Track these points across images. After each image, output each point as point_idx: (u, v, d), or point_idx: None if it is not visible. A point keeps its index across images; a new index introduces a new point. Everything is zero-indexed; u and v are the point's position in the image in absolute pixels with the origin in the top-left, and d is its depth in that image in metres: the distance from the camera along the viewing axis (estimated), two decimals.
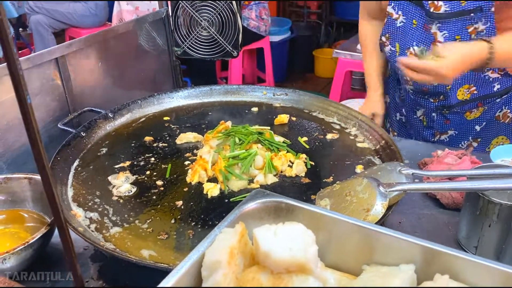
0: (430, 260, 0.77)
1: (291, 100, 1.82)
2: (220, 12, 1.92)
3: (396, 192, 1.08)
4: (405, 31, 1.60)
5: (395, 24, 1.61)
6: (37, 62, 1.59)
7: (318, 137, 1.58)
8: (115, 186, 1.34)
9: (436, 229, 1.28)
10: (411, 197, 1.38)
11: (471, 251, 1.16)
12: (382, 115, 1.89)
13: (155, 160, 1.47)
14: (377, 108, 1.87)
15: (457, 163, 1.39)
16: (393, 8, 1.58)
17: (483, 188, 1.07)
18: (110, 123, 1.64)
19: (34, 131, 0.62)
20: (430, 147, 1.69)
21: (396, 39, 1.64)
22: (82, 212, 1.22)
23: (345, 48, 3.63)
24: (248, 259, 0.80)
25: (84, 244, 1.20)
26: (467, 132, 1.76)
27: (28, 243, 1.06)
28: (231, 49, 1.99)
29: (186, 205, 1.26)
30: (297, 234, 0.77)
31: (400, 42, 1.63)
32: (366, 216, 1.04)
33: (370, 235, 0.81)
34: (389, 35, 1.65)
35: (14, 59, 0.56)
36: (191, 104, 1.82)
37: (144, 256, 1.08)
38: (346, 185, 1.18)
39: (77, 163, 1.43)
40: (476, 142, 1.78)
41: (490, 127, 1.74)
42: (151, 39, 2.14)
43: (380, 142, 1.49)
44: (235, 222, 0.82)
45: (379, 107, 1.87)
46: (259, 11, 4.43)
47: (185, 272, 0.74)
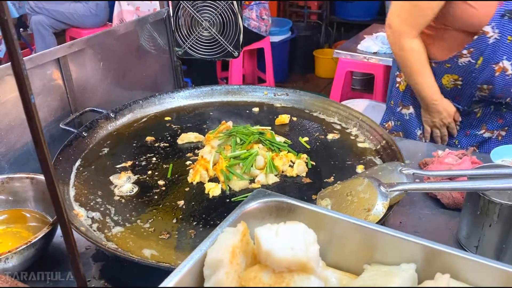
0: (431, 259, 0.77)
1: (292, 100, 1.82)
2: (221, 13, 1.93)
3: (397, 192, 1.08)
4: (496, 47, 1.60)
5: (486, 41, 1.61)
6: (39, 63, 1.59)
7: (319, 137, 1.59)
8: (117, 185, 1.34)
9: (437, 229, 1.28)
10: (412, 197, 1.39)
11: (472, 250, 1.16)
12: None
13: (157, 160, 1.47)
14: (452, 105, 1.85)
15: (457, 163, 1.40)
16: (492, 27, 1.57)
17: (484, 188, 1.07)
18: (112, 123, 1.65)
19: (38, 131, 0.62)
20: (431, 147, 1.70)
21: (481, 54, 1.64)
22: (84, 212, 1.23)
23: (345, 48, 3.64)
24: (249, 258, 0.80)
25: (86, 243, 1.21)
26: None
27: (30, 243, 1.06)
28: (232, 49, 1.99)
29: (187, 204, 1.27)
30: (299, 234, 0.77)
31: (485, 57, 1.64)
32: (367, 216, 1.04)
33: (371, 235, 0.82)
34: (473, 50, 1.64)
35: (19, 60, 0.57)
36: (192, 104, 1.82)
37: (146, 256, 1.08)
38: (347, 185, 1.18)
39: (79, 163, 1.44)
40: (504, 131, 1.82)
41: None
42: (152, 40, 2.14)
43: (381, 142, 1.49)
44: (236, 221, 0.82)
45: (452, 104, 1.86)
46: (260, 11, 4.43)
47: (187, 271, 0.75)
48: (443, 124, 1.87)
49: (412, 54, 1.76)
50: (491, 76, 1.65)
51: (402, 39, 1.73)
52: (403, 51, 1.76)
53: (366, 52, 3.48)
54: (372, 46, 3.47)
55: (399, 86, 1.96)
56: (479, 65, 1.65)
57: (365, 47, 3.50)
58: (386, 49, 3.44)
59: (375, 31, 3.82)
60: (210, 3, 1.93)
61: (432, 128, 1.90)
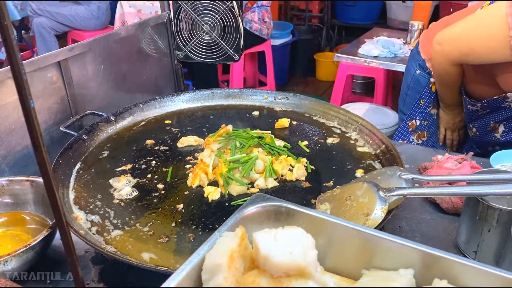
0: (429, 264, 0.77)
1: (292, 104, 1.82)
2: (222, 16, 1.93)
3: (396, 196, 1.08)
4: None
5: (501, 103, 1.66)
6: (40, 65, 1.60)
7: (319, 141, 1.59)
8: (116, 189, 1.34)
9: (436, 234, 1.28)
10: (411, 202, 1.39)
11: (471, 256, 1.16)
12: None
13: (156, 163, 1.47)
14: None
15: (457, 168, 1.40)
16: None
17: (483, 193, 1.07)
18: (112, 126, 1.65)
19: (37, 135, 0.62)
20: (430, 151, 1.69)
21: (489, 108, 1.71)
22: (83, 215, 1.23)
23: (346, 52, 3.64)
24: (248, 262, 0.80)
25: (85, 246, 1.21)
26: None
27: (29, 245, 1.07)
28: (233, 53, 2.00)
29: (186, 208, 1.27)
30: (297, 238, 0.78)
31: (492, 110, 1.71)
32: (366, 221, 1.04)
33: (370, 240, 0.82)
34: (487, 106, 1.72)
35: (18, 64, 0.57)
36: (192, 107, 1.83)
37: (145, 259, 1.08)
38: (346, 189, 1.18)
39: (78, 166, 1.44)
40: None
41: None
42: (153, 43, 2.15)
43: (380, 147, 1.49)
44: (235, 226, 0.83)
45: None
46: (262, 14, 4.43)
47: (186, 275, 0.75)
48: (457, 127, 1.93)
49: (451, 76, 1.78)
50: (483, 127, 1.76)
51: (448, 63, 1.73)
52: (445, 71, 1.77)
53: (367, 56, 3.48)
54: (372, 50, 3.47)
55: (432, 87, 1.97)
56: (482, 114, 1.72)
57: (366, 51, 3.50)
58: (387, 53, 3.44)
59: (376, 35, 3.82)
60: (211, 6, 1.93)
61: (447, 129, 1.95)
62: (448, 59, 1.72)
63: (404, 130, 2.09)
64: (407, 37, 3.59)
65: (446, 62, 1.73)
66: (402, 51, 3.44)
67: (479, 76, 1.74)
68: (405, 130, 2.08)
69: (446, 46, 1.71)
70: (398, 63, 3.36)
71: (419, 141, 2.05)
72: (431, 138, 2.03)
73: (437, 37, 1.74)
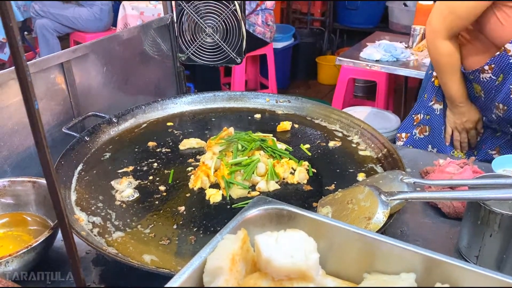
0: (431, 269, 0.77)
1: (293, 107, 1.83)
2: (225, 19, 1.94)
3: (398, 200, 1.08)
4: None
5: (508, 60, 1.61)
6: (43, 67, 1.60)
7: (321, 144, 1.59)
8: (118, 190, 1.34)
9: (437, 238, 1.28)
10: (413, 206, 1.39)
11: (472, 260, 1.16)
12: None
13: (158, 165, 1.47)
14: (479, 113, 1.87)
15: (458, 173, 1.40)
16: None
17: (485, 198, 1.07)
18: (114, 128, 1.65)
19: (41, 136, 0.63)
20: (432, 156, 1.69)
21: (501, 71, 1.65)
22: (85, 216, 1.23)
23: (348, 55, 3.64)
24: (249, 265, 0.81)
25: (87, 248, 1.21)
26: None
27: (30, 246, 1.07)
28: (235, 55, 2.00)
29: (188, 210, 1.27)
30: (298, 242, 0.78)
31: (505, 75, 1.64)
32: (368, 225, 1.04)
33: (371, 244, 0.82)
34: (494, 66, 1.65)
35: (23, 66, 0.57)
36: (194, 110, 1.83)
37: (146, 261, 1.08)
38: (348, 193, 1.18)
39: (80, 167, 1.44)
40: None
41: None
42: (155, 45, 2.15)
43: (382, 151, 1.49)
44: (237, 228, 0.83)
45: (479, 112, 1.88)
46: (265, 17, 4.44)
47: (187, 277, 0.75)
48: (464, 128, 1.89)
49: (443, 55, 1.79)
50: (507, 96, 1.66)
51: (437, 39, 1.76)
52: (436, 50, 1.79)
53: (369, 59, 3.48)
54: (374, 54, 3.47)
55: (434, 81, 1.97)
56: (499, 82, 1.66)
57: (368, 54, 3.50)
58: (389, 57, 3.44)
59: (377, 38, 3.82)
60: (214, 9, 1.94)
61: (454, 130, 1.92)
62: (436, 33, 1.75)
63: (409, 123, 2.08)
64: (409, 41, 3.59)
65: (435, 38, 1.76)
66: (404, 55, 3.44)
67: (476, 44, 1.75)
68: (410, 123, 2.08)
69: (433, 22, 1.75)
70: (400, 67, 3.35)
71: (421, 135, 2.03)
72: (433, 134, 2.00)
73: (427, 20, 1.79)
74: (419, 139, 2.02)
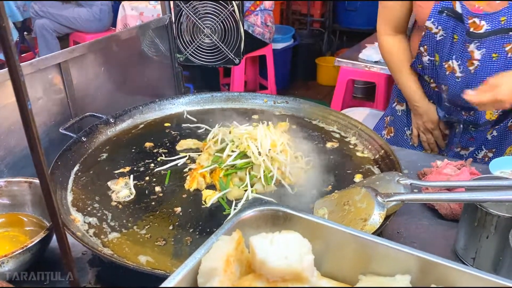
0: (426, 271, 0.77)
1: (291, 108, 1.82)
2: (223, 20, 1.94)
3: (394, 202, 1.08)
4: (444, 45, 1.61)
5: (434, 38, 1.62)
6: (40, 67, 1.60)
7: (318, 145, 1.59)
8: (115, 191, 1.34)
9: (434, 240, 1.28)
10: (410, 207, 1.38)
11: (469, 262, 1.16)
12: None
13: (155, 166, 1.47)
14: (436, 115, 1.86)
15: (456, 174, 1.40)
16: (432, 23, 1.59)
17: (481, 200, 1.07)
18: (111, 128, 1.65)
19: (34, 136, 0.62)
20: (430, 157, 1.69)
21: (435, 50, 1.66)
22: (81, 217, 1.23)
23: (347, 56, 3.65)
24: (244, 267, 0.80)
25: (83, 248, 1.21)
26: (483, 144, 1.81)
27: (26, 247, 1.06)
28: (233, 56, 2.00)
29: (184, 211, 1.27)
30: (293, 243, 0.77)
31: (439, 53, 1.65)
32: (364, 226, 1.04)
33: (367, 245, 0.81)
34: (427, 47, 1.67)
35: (16, 66, 0.57)
36: (192, 110, 1.82)
37: (142, 262, 1.08)
38: (345, 194, 1.18)
39: (77, 168, 1.44)
40: (491, 152, 1.81)
41: (503, 137, 1.77)
42: (153, 45, 2.15)
43: (379, 152, 1.49)
44: (232, 229, 0.82)
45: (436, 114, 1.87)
46: (265, 17, 4.44)
47: (182, 278, 0.74)
48: (426, 129, 1.88)
49: (387, 52, 1.85)
50: (444, 75, 1.66)
51: (380, 36, 1.85)
52: (381, 47, 1.88)
53: (368, 60, 3.49)
54: (373, 55, 3.48)
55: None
56: (438, 63, 1.67)
57: (367, 55, 3.51)
58: None
59: (376, 40, 3.82)
60: (212, 10, 1.94)
61: (418, 131, 1.92)
62: (379, 31, 1.85)
63: (380, 125, 2.11)
64: None
65: (380, 35, 1.86)
66: None
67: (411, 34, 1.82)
68: (381, 125, 2.10)
69: (378, 20, 1.86)
70: None
71: (388, 136, 2.05)
72: (397, 135, 2.01)
73: None
74: (387, 140, 2.01)
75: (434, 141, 1.89)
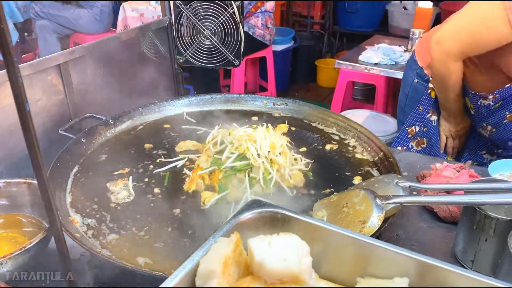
0: (424, 274, 0.77)
1: (291, 110, 1.82)
2: (223, 22, 1.94)
3: (393, 204, 1.08)
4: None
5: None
6: (40, 68, 1.60)
7: (317, 147, 1.59)
8: (114, 192, 1.34)
9: (433, 242, 1.28)
10: (409, 210, 1.38)
11: (468, 265, 1.15)
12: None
13: (154, 167, 1.47)
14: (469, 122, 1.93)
15: (455, 177, 1.40)
16: None
17: (480, 203, 1.07)
18: (111, 129, 1.65)
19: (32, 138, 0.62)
20: (429, 159, 1.69)
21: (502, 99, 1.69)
22: (79, 218, 1.23)
23: (347, 58, 3.64)
24: (242, 269, 0.80)
25: (81, 250, 1.20)
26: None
27: (25, 248, 1.06)
28: (233, 58, 2.00)
29: (183, 213, 1.27)
30: (292, 245, 0.77)
31: (504, 103, 1.68)
32: (362, 228, 1.04)
33: (365, 248, 0.81)
34: (498, 96, 1.68)
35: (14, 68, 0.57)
36: (191, 112, 1.83)
37: (140, 264, 1.08)
38: (343, 196, 1.18)
39: (76, 169, 1.44)
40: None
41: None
42: (153, 47, 2.15)
43: (378, 154, 1.49)
44: (230, 231, 0.82)
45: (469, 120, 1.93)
46: (265, 19, 4.44)
47: (180, 280, 0.74)
48: (458, 135, 1.93)
49: (453, 75, 1.77)
50: (500, 121, 1.70)
51: (449, 60, 1.73)
52: (448, 70, 1.76)
53: (368, 63, 3.49)
54: (373, 57, 3.48)
55: (431, 93, 1.96)
56: (495, 108, 1.69)
57: (367, 57, 3.50)
58: (387, 60, 3.45)
59: (377, 42, 3.83)
60: (212, 12, 1.94)
61: (448, 137, 1.95)
62: (449, 55, 1.71)
63: (403, 136, 2.08)
64: (408, 44, 3.59)
65: (447, 59, 1.73)
66: (403, 59, 3.44)
67: (484, 69, 1.73)
68: (404, 136, 2.08)
69: (445, 43, 1.71)
70: (399, 70, 3.36)
71: (418, 147, 2.04)
72: (431, 145, 2.02)
73: (435, 38, 1.75)
74: (416, 151, 2.03)
75: (459, 146, 1.96)
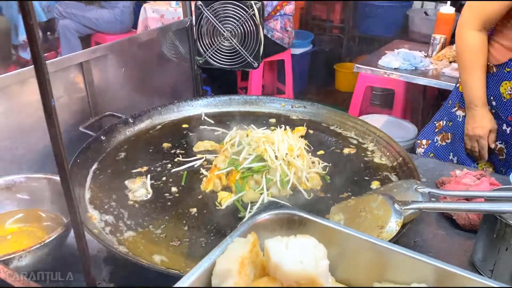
0: (443, 281, 0.76)
1: (309, 113, 1.82)
2: (243, 23, 1.94)
3: (411, 210, 1.07)
4: None
5: None
6: (62, 66, 1.63)
7: (335, 151, 1.58)
8: (131, 190, 1.35)
9: (451, 250, 1.26)
10: (427, 216, 1.36)
11: (487, 274, 1.13)
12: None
13: (172, 166, 1.48)
14: (494, 123, 1.81)
15: (475, 184, 1.37)
16: None
17: (501, 211, 1.05)
18: (130, 128, 1.67)
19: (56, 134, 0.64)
20: (449, 166, 1.67)
21: None
22: (98, 215, 1.24)
23: (366, 63, 3.62)
24: (258, 269, 0.80)
25: (98, 246, 1.22)
26: None
27: (43, 242, 1.08)
28: (252, 60, 2.01)
29: (200, 212, 1.27)
30: (309, 248, 0.77)
31: None
32: (380, 233, 1.03)
33: (383, 253, 0.81)
34: None
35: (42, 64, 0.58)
36: (210, 112, 1.84)
37: (156, 262, 1.09)
38: (361, 200, 1.17)
39: (95, 166, 1.46)
40: None
41: None
42: (174, 48, 2.17)
43: (397, 159, 1.47)
44: (247, 232, 0.82)
45: (494, 122, 1.82)
46: (284, 23, 4.44)
47: (196, 279, 0.75)
48: (474, 135, 1.82)
49: (468, 47, 1.74)
50: None
51: (465, 29, 1.72)
52: (462, 41, 1.75)
53: (387, 67, 3.45)
54: (393, 62, 3.45)
55: (459, 86, 1.92)
56: None
57: (386, 62, 3.47)
58: (407, 65, 3.41)
59: (397, 47, 3.79)
60: (233, 13, 1.95)
61: (465, 136, 1.87)
62: (466, 24, 1.71)
63: (430, 129, 2.04)
64: (429, 50, 3.55)
65: (465, 29, 1.72)
66: (423, 64, 3.40)
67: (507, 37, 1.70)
68: (432, 129, 2.03)
69: (463, 14, 1.72)
70: (419, 76, 3.32)
71: (442, 142, 1.99)
72: (454, 141, 1.95)
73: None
74: (440, 146, 1.97)
75: (478, 150, 1.84)
